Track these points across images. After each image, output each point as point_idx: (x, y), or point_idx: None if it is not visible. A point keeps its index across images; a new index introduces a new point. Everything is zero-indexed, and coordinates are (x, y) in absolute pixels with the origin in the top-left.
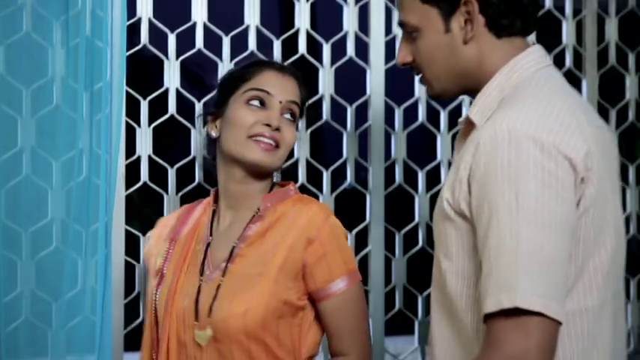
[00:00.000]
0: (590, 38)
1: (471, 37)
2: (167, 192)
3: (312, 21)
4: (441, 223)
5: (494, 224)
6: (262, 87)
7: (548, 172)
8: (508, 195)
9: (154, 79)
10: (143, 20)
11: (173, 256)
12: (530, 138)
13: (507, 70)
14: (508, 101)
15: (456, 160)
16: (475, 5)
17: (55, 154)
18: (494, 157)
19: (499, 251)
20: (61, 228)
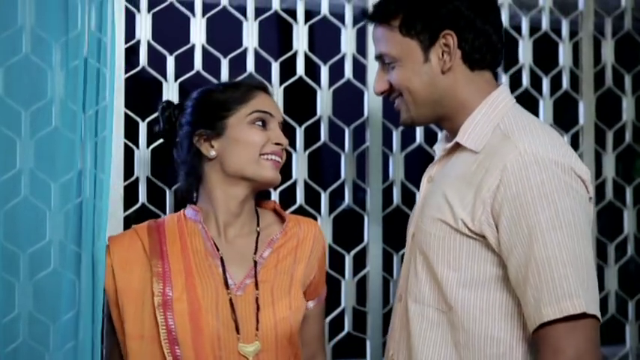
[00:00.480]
0: (586, 60)
1: (448, 68)
2: (165, 213)
3: (310, 43)
4: (446, 237)
5: (537, 238)
6: (264, 109)
7: (575, 189)
8: (548, 211)
9: (152, 100)
10: (142, 42)
11: (174, 273)
12: (552, 161)
13: (490, 102)
14: (513, 130)
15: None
16: (455, 39)
17: (53, 175)
18: (527, 178)
19: (550, 263)
20: (59, 249)
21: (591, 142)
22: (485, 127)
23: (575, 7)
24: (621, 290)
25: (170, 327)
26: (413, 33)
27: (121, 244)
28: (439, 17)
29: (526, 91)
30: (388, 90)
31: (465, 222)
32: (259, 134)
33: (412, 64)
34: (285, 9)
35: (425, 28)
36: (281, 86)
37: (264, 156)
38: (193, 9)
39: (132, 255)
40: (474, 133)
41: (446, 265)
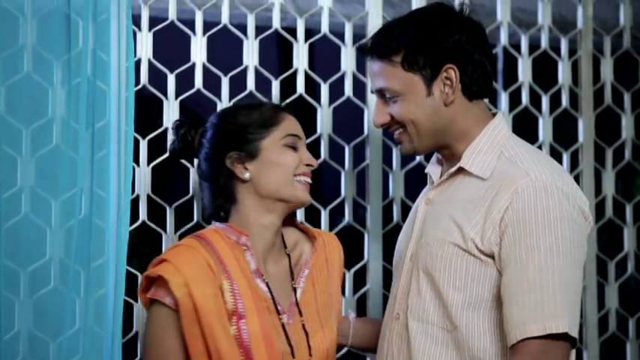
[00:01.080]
0: (586, 78)
1: (451, 101)
2: (165, 231)
3: (311, 61)
4: (454, 259)
5: (534, 261)
6: (295, 132)
7: (574, 220)
8: (549, 237)
9: (153, 118)
10: (143, 61)
11: (242, 293)
12: (559, 189)
13: (491, 130)
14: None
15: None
16: (457, 72)
17: (54, 193)
18: (534, 204)
19: (541, 286)
20: (60, 267)
21: (591, 160)
22: (488, 153)
23: (574, 25)
24: (622, 308)
25: (246, 345)
26: (415, 68)
27: (187, 261)
28: (441, 52)
29: (525, 109)
30: (389, 123)
31: (475, 242)
32: (293, 156)
33: (415, 97)
34: (285, 27)
35: (427, 63)
36: (281, 104)
37: (297, 177)
38: (194, 27)
39: (201, 272)
40: (477, 159)
41: (452, 286)
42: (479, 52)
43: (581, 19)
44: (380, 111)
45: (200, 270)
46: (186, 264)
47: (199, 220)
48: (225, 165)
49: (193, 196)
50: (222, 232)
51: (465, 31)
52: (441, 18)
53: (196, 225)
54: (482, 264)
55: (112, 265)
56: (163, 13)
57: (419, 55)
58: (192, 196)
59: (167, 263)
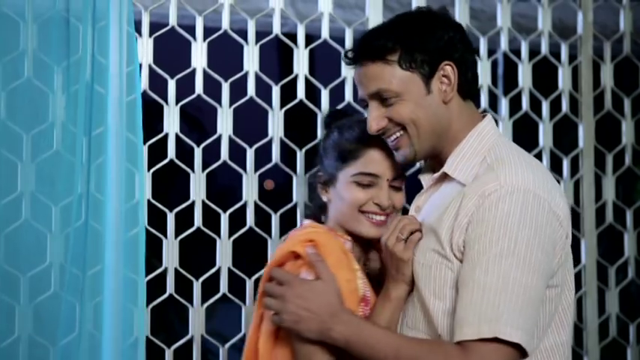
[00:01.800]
0: (586, 84)
1: (450, 98)
2: (166, 236)
3: (311, 67)
4: (434, 266)
5: (482, 263)
6: (370, 170)
7: (539, 225)
8: (502, 240)
9: (153, 124)
10: (143, 66)
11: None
12: (530, 192)
13: (477, 133)
14: (498, 161)
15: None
16: (455, 69)
17: (54, 198)
18: (496, 207)
19: (484, 287)
20: (60, 272)
21: (591, 165)
22: (472, 159)
23: (574, 31)
24: (622, 313)
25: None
26: (413, 66)
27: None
28: (438, 49)
29: (526, 114)
30: (385, 127)
31: (449, 246)
32: (360, 193)
33: (415, 96)
34: (285, 33)
35: (425, 61)
36: (281, 110)
37: (365, 214)
38: (194, 33)
39: (341, 257)
40: (461, 164)
41: (432, 294)
42: (468, 52)
43: (581, 25)
44: (376, 116)
45: (340, 254)
46: (332, 248)
47: (199, 225)
48: (317, 180)
49: (194, 201)
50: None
51: (455, 31)
52: (431, 18)
53: (197, 231)
54: (454, 270)
55: (112, 270)
56: (164, 19)
57: (416, 52)
58: (193, 201)
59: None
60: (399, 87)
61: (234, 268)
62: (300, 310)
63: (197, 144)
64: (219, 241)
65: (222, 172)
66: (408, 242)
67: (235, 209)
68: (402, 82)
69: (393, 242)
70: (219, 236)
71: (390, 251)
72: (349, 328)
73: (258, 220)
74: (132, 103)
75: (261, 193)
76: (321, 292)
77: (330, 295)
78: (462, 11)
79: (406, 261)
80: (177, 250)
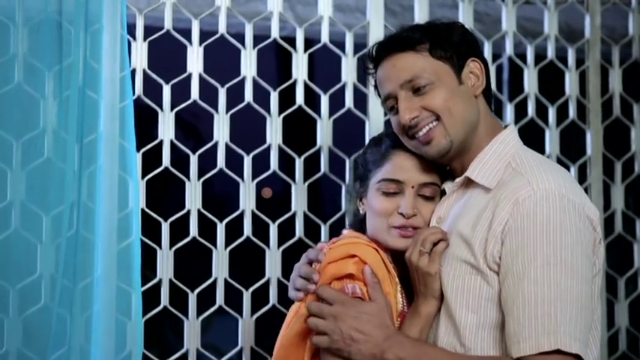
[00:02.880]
0: (593, 89)
1: (480, 91)
2: (160, 246)
3: (310, 72)
4: (467, 279)
5: (530, 274)
6: (392, 176)
7: (578, 229)
8: (547, 248)
9: (147, 130)
10: (138, 71)
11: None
12: (564, 197)
13: (501, 140)
14: (525, 167)
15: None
16: (482, 66)
17: (45, 207)
18: (534, 213)
19: (537, 299)
20: (50, 284)
21: (599, 173)
22: (496, 164)
23: (581, 34)
24: (632, 326)
25: None
26: (444, 57)
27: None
28: (464, 45)
29: (531, 121)
30: (418, 117)
31: (482, 257)
32: (387, 202)
33: (449, 85)
34: (284, 37)
35: (456, 52)
36: (280, 116)
37: (393, 229)
38: (190, 37)
39: (384, 271)
40: (484, 169)
41: (464, 307)
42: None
43: (589, 29)
44: (408, 106)
45: (382, 267)
46: (374, 261)
47: (195, 235)
48: (354, 193)
49: (189, 210)
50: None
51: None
52: (454, 23)
53: (192, 240)
54: (493, 281)
55: (104, 282)
56: (159, 22)
57: (445, 44)
58: (189, 210)
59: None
60: (433, 74)
61: (231, 280)
62: (354, 332)
63: (193, 151)
64: (215, 251)
65: (219, 181)
66: (433, 254)
67: (232, 218)
68: (435, 70)
69: (417, 257)
70: (215, 246)
71: (415, 266)
72: (404, 349)
73: (255, 230)
74: (125, 109)
75: (258, 202)
76: (375, 314)
77: (384, 318)
78: (466, 14)
79: (433, 275)
80: (171, 260)
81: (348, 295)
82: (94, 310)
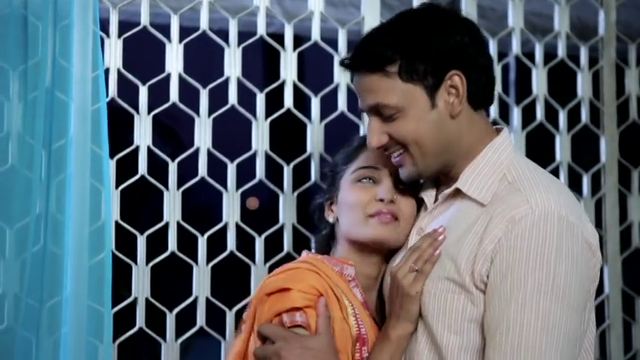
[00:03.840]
0: (608, 91)
1: (459, 111)
2: (136, 262)
3: (300, 72)
4: (449, 297)
5: (518, 300)
6: (369, 163)
7: (575, 255)
8: (539, 273)
9: (122, 135)
10: (111, 71)
11: (364, 321)
12: (564, 219)
13: (494, 149)
14: (523, 182)
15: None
16: (463, 78)
17: (8, 220)
18: (530, 233)
19: (522, 327)
20: (14, 304)
21: (614, 182)
22: (489, 176)
23: (595, 32)
24: None
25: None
26: (415, 78)
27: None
28: (443, 57)
29: (540, 125)
30: (387, 144)
31: (469, 275)
32: (360, 193)
33: (417, 112)
34: (271, 34)
35: (428, 71)
36: (267, 120)
37: (370, 218)
38: (169, 34)
39: (332, 297)
40: (476, 181)
41: (446, 329)
42: (481, 55)
43: (604, 25)
44: (375, 131)
45: (324, 284)
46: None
47: (174, 250)
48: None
49: (168, 223)
50: (324, 261)
51: (464, 32)
52: (436, 18)
53: (171, 255)
54: (478, 301)
55: (74, 301)
56: (134, 18)
57: (418, 62)
58: (167, 223)
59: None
60: (399, 101)
61: (213, 298)
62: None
63: (171, 158)
64: (195, 267)
65: (200, 190)
66: (418, 274)
67: (214, 232)
68: (403, 96)
69: (405, 273)
70: (195, 262)
71: (398, 283)
72: None
73: (240, 244)
74: (98, 112)
75: (243, 214)
76: (320, 348)
77: (330, 353)
78: (469, 9)
79: (413, 296)
80: (148, 277)
81: (286, 325)
82: (63, 332)
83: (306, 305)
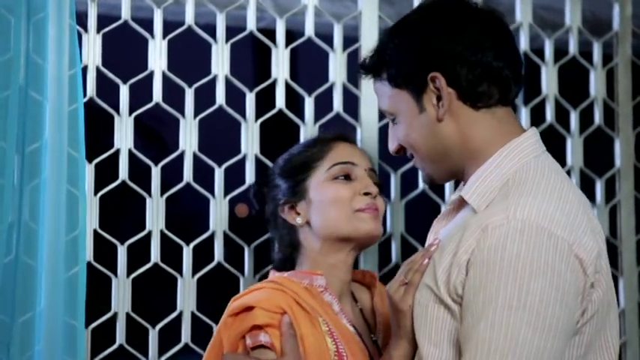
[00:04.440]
0: (623, 90)
1: (444, 113)
2: (116, 274)
3: (292, 70)
4: (430, 308)
5: (488, 316)
6: (345, 159)
7: (556, 272)
8: (511, 289)
9: (101, 138)
10: (90, 68)
11: (341, 335)
12: (545, 231)
13: (508, 151)
14: (516, 188)
15: (448, 241)
16: (442, 79)
17: None
18: (503, 246)
19: (489, 348)
20: None
21: (630, 188)
22: (494, 181)
23: (609, 27)
24: None
25: None
26: (401, 83)
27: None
28: (421, 61)
29: (550, 127)
30: (400, 147)
31: (445, 286)
32: (343, 188)
33: (408, 117)
34: (262, 29)
35: (410, 76)
36: (257, 121)
37: (359, 213)
38: (152, 29)
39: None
40: (480, 188)
41: (427, 340)
42: (473, 51)
43: (618, 20)
44: (389, 137)
45: (293, 309)
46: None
47: (157, 260)
48: (281, 216)
49: (150, 231)
50: (290, 278)
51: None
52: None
53: (154, 266)
54: (457, 314)
55: (48, 317)
56: (115, 11)
57: (400, 68)
58: (150, 232)
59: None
60: (391, 106)
61: (199, 313)
62: None
63: (154, 162)
64: (180, 279)
65: (185, 196)
66: (408, 286)
67: (201, 241)
68: (394, 101)
69: (395, 288)
70: (180, 274)
71: (390, 300)
72: None
73: (228, 254)
74: (75, 112)
75: (231, 222)
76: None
77: None
78: None
79: (405, 311)
80: (129, 290)
81: (249, 347)
82: (36, 350)
83: (267, 324)
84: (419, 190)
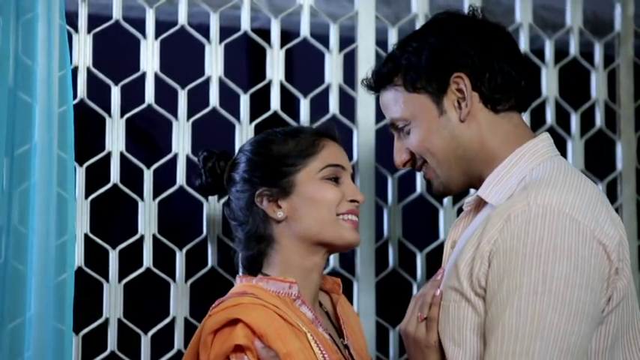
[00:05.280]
0: (625, 92)
1: (466, 114)
2: (108, 279)
3: (288, 71)
4: (451, 306)
5: (513, 303)
6: (337, 162)
7: (580, 256)
8: (535, 274)
9: (92, 140)
10: (80, 69)
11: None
12: (567, 216)
13: (523, 152)
14: (535, 181)
15: (470, 237)
16: (467, 80)
17: None
18: (525, 232)
19: (517, 334)
20: None
21: (632, 192)
22: (512, 178)
23: (610, 27)
24: None
25: None
26: (419, 86)
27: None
28: (445, 61)
29: (551, 129)
30: (410, 159)
31: (468, 280)
32: (333, 191)
33: (427, 121)
34: (256, 29)
35: (431, 77)
36: (251, 123)
37: (342, 216)
38: (144, 29)
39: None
40: (498, 186)
41: (451, 340)
42: (496, 59)
43: (620, 20)
44: (397, 149)
45: (278, 324)
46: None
47: (150, 266)
48: (256, 204)
49: (143, 236)
50: (262, 287)
51: (471, 35)
52: (441, 24)
53: (146, 271)
54: (480, 309)
55: (38, 323)
56: (106, 11)
57: (420, 69)
58: (142, 236)
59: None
60: (407, 113)
61: (192, 319)
62: None
63: (147, 165)
64: (173, 284)
65: (178, 200)
66: (429, 321)
67: (194, 245)
68: (411, 107)
69: (415, 326)
70: (173, 279)
71: (413, 338)
72: None
73: (221, 260)
74: (65, 114)
75: (225, 226)
76: None
77: None
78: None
79: (432, 346)
80: (121, 296)
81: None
82: (26, 357)
83: (247, 346)
84: (416, 194)
